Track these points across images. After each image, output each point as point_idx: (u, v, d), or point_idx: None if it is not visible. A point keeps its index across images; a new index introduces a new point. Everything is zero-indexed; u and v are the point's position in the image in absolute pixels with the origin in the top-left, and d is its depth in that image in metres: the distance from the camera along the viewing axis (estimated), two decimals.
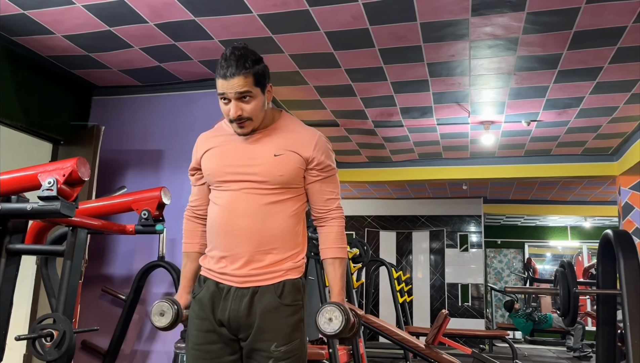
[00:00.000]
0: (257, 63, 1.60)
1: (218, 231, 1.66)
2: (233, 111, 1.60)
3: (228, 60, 1.57)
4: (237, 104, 1.59)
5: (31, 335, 2.20)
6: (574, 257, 11.62)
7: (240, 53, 1.58)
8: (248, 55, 1.58)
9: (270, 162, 1.64)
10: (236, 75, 1.56)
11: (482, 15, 3.12)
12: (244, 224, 1.62)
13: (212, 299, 1.63)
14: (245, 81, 1.57)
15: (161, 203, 3.00)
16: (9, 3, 3.10)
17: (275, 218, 1.64)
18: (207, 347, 1.62)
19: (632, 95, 4.28)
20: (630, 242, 3.48)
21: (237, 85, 1.57)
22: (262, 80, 1.61)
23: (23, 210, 2.09)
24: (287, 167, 1.64)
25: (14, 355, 3.84)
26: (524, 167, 6.28)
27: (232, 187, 1.65)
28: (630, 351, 3.19)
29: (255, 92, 1.60)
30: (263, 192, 1.64)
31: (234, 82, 1.56)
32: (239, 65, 1.56)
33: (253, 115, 1.62)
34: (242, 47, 1.61)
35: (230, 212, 1.64)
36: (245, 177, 1.64)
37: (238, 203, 1.64)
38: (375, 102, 4.64)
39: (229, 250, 1.63)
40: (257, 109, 1.62)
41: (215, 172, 1.69)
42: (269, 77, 1.66)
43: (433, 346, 4.81)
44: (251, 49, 1.63)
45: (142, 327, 4.01)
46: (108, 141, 4.22)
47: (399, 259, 9.48)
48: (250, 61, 1.57)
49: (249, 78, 1.57)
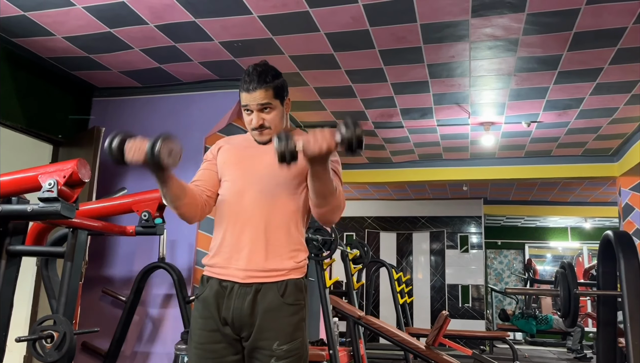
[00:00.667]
0: (277, 77, 1.75)
1: (224, 228, 1.71)
2: (255, 121, 1.73)
3: (251, 76, 1.71)
4: (259, 114, 1.73)
5: (31, 337, 2.20)
6: (574, 258, 11.61)
7: (261, 69, 1.73)
8: (269, 71, 1.74)
9: (278, 166, 1.66)
10: (258, 89, 1.70)
11: (482, 16, 3.13)
12: (249, 217, 1.67)
13: (216, 298, 1.66)
14: (266, 93, 1.71)
15: (161, 205, 3.00)
16: (9, 4, 3.10)
17: (280, 215, 1.69)
18: (211, 346, 1.65)
19: (633, 96, 4.28)
20: (630, 243, 3.48)
21: (258, 98, 1.71)
22: (281, 92, 1.76)
23: (23, 212, 2.09)
24: (294, 169, 1.67)
25: (14, 356, 3.84)
26: (524, 168, 6.28)
27: (240, 183, 1.72)
28: (631, 352, 3.19)
29: (275, 104, 1.74)
30: (270, 189, 1.70)
31: (256, 94, 1.70)
32: (260, 80, 1.70)
33: (272, 125, 1.75)
34: (263, 64, 1.77)
35: (237, 206, 1.70)
36: (253, 178, 1.72)
37: (245, 199, 1.70)
38: (376, 103, 4.64)
39: (234, 247, 1.67)
40: (277, 119, 1.76)
41: (229, 163, 1.78)
42: (287, 91, 1.81)
43: (433, 347, 4.81)
44: (271, 65, 1.78)
45: (142, 329, 4.00)
46: None
47: (399, 260, 9.48)
48: (271, 76, 1.73)
49: (269, 91, 1.71)
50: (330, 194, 1.58)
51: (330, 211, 1.63)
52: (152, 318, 4.01)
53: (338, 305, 4.90)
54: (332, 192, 1.58)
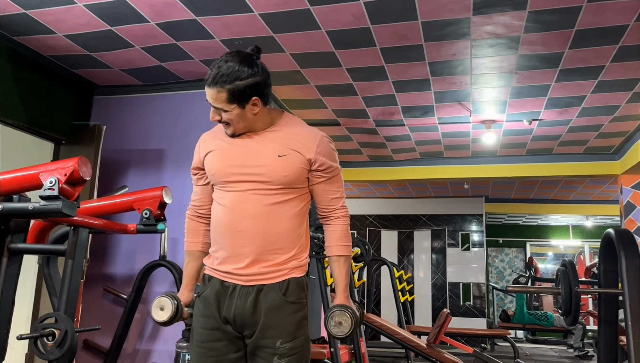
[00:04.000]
0: (240, 78, 1.58)
1: (223, 231, 1.67)
2: (211, 115, 1.67)
3: (212, 68, 1.60)
4: (215, 110, 1.65)
5: (33, 335, 2.21)
6: (575, 256, 11.61)
7: (225, 64, 1.59)
8: (232, 68, 1.58)
9: (275, 163, 1.65)
10: (211, 87, 1.60)
11: (483, 14, 3.12)
12: (248, 225, 1.63)
13: (218, 297, 1.65)
14: (217, 95, 1.60)
15: (163, 203, 3.00)
16: (10, 3, 3.10)
17: (280, 219, 1.65)
18: (212, 344, 1.64)
19: (634, 94, 4.27)
20: (632, 241, 3.47)
21: (210, 98, 1.62)
22: (238, 96, 1.59)
23: (25, 210, 2.09)
24: (291, 167, 1.65)
25: (16, 354, 3.85)
26: (526, 166, 6.27)
27: (236, 188, 1.66)
28: (632, 350, 3.19)
29: (228, 108, 1.61)
30: (267, 193, 1.65)
31: (209, 92, 1.61)
32: (215, 79, 1.59)
33: (232, 122, 1.66)
34: (236, 56, 1.60)
35: (235, 213, 1.65)
36: (250, 177, 1.65)
37: (243, 204, 1.65)
38: (377, 101, 4.64)
39: (234, 251, 1.65)
40: (234, 121, 1.65)
41: (219, 173, 1.70)
42: (257, 91, 1.62)
43: (434, 345, 4.81)
44: (246, 59, 1.61)
45: (143, 326, 4.01)
46: (109, 140, 4.22)
47: (401, 258, 9.48)
48: (226, 78, 1.57)
49: (221, 94, 1.59)
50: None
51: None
52: None
53: None
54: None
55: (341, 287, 1.73)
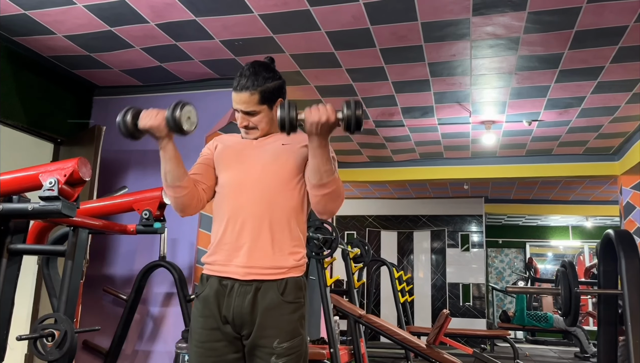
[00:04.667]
0: (268, 81, 1.71)
1: (224, 222, 1.70)
2: (240, 120, 1.76)
3: (241, 76, 1.71)
4: (244, 116, 1.74)
5: (32, 335, 2.21)
6: (575, 257, 11.61)
7: (254, 70, 1.71)
8: (260, 74, 1.71)
9: (278, 150, 1.73)
10: (244, 91, 1.70)
11: (483, 15, 3.12)
12: (249, 214, 1.67)
13: (217, 297, 1.66)
14: (250, 98, 1.70)
15: (162, 203, 3.00)
16: (9, 3, 3.10)
17: (280, 209, 1.68)
18: (211, 344, 1.65)
19: (634, 95, 4.27)
20: (631, 242, 3.48)
21: (243, 101, 1.71)
22: (269, 97, 1.73)
23: (24, 210, 2.09)
24: (294, 154, 1.71)
25: (15, 354, 3.85)
26: (525, 167, 6.27)
27: (238, 177, 1.72)
28: (632, 351, 3.19)
29: (260, 109, 1.72)
30: (268, 186, 1.69)
31: (242, 97, 1.70)
32: (248, 83, 1.69)
33: (259, 126, 1.75)
34: (259, 64, 1.74)
35: (235, 201, 1.70)
36: (253, 170, 1.71)
37: (244, 193, 1.69)
38: (376, 102, 4.64)
39: (234, 242, 1.67)
40: (264, 122, 1.75)
41: (227, 157, 1.77)
42: (281, 93, 1.77)
43: (434, 346, 4.81)
44: (268, 66, 1.76)
45: (143, 327, 4.01)
46: (109, 141, 4.21)
47: (400, 259, 9.48)
48: (261, 79, 1.70)
49: (254, 95, 1.70)
50: (328, 174, 1.58)
51: (329, 196, 1.62)
52: (153, 316, 4.01)
53: (339, 303, 4.91)
54: (331, 172, 1.58)
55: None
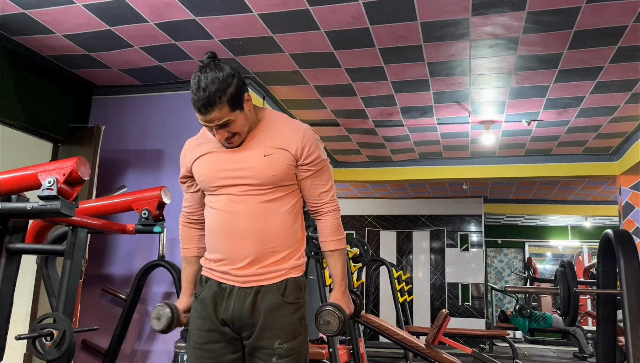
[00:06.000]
0: (227, 85, 1.55)
1: (218, 234, 1.67)
2: (219, 136, 1.62)
3: (197, 94, 1.54)
4: (221, 130, 1.60)
5: (31, 335, 2.20)
6: (574, 257, 11.62)
7: (207, 83, 1.53)
8: (215, 83, 1.53)
9: (262, 164, 1.64)
10: (211, 112, 1.55)
11: (482, 15, 3.12)
12: (244, 225, 1.63)
13: (215, 299, 1.64)
14: (221, 113, 1.56)
15: (161, 203, 3.00)
16: (9, 2, 3.10)
17: (274, 217, 1.65)
18: (209, 346, 1.64)
19: (633, 95, 4.28)
20: (630, 242, 3.47)
21: (215, 119, 1.57)
22: (237, 101, 1.58)
23: (23, 210, 2.09)
24: (278, 165, 1.64)
25: (14, 354, 3.85)
26: (525, 167, 6.28)
27: (227, 191, 1.66)
28: (631, 351, 3.19)
29: (234, 116, 1.59)
30: (258, 193, 1.64)
31: (211, 117, 1.56)
32: (210, 101, 1.53)
33: (240, 131, 1.63)
34: (208, 72, 1.55)
35: (229, 215, 1.65)
36: (239, 181, 1.65)
37: (236, 206, 1.64)
38: (376, 102, 4.64)
39: (231, 253, 1.64)
40: (241, 125, 1.62)
41: (208, 179, 1.69)
42: (244, 87, 1.62)
43: (433, 346, 4.81)
44: (214, 67, 1.57)
45: (142, 327, 4.01)
46: (108, 141, 4.22)
47: (399, 259, 9.48)
48: (221, 92, 1.53)
49: (224, 108, 1.55)
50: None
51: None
52: None
53: None
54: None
55: (337, 281, 1.76)
